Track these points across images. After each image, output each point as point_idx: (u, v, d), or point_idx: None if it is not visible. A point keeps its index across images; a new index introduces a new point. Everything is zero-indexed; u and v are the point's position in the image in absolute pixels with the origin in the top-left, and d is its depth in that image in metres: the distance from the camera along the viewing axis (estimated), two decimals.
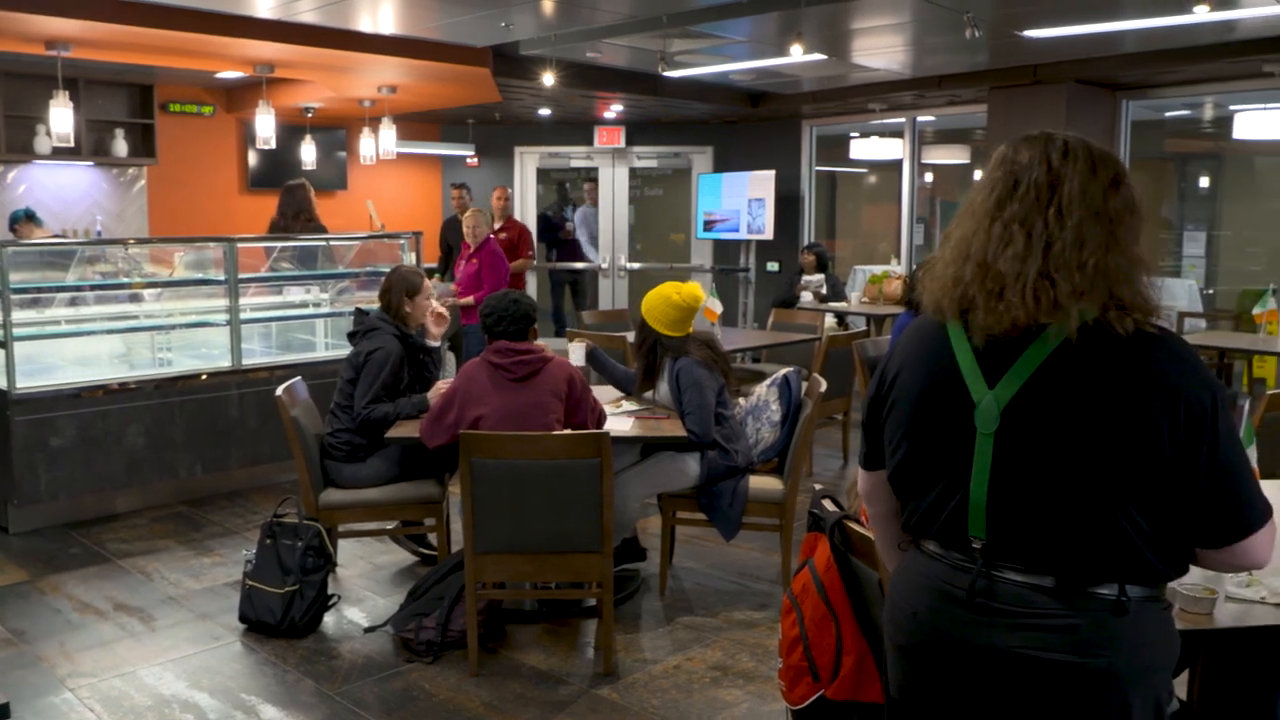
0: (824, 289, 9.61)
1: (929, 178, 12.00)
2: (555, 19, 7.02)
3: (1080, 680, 1.69)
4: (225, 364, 6.39)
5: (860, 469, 2.09)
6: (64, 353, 6.28)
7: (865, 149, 10.71)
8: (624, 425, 4.52)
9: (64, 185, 9.68)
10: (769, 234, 10.89)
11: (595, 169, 12.63)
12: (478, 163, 12.38)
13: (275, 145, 8.79)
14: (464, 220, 8.10)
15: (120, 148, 9.57)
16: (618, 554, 4.61)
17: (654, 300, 4.72)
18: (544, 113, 11.09)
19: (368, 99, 9.76)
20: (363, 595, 4.80)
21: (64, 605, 4.65)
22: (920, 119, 10.50)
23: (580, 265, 12.55)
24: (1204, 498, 1.68)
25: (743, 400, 5.01)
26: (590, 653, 4.23)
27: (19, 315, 5.77)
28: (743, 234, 11.27)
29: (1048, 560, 1.71)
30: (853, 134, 11.34)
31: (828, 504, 2.60)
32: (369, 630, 4.38)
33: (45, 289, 6.24)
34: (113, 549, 5.39)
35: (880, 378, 1.97)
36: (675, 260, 12.73)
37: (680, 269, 12.26)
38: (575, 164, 12.78)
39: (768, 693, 3.79)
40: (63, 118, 7.35)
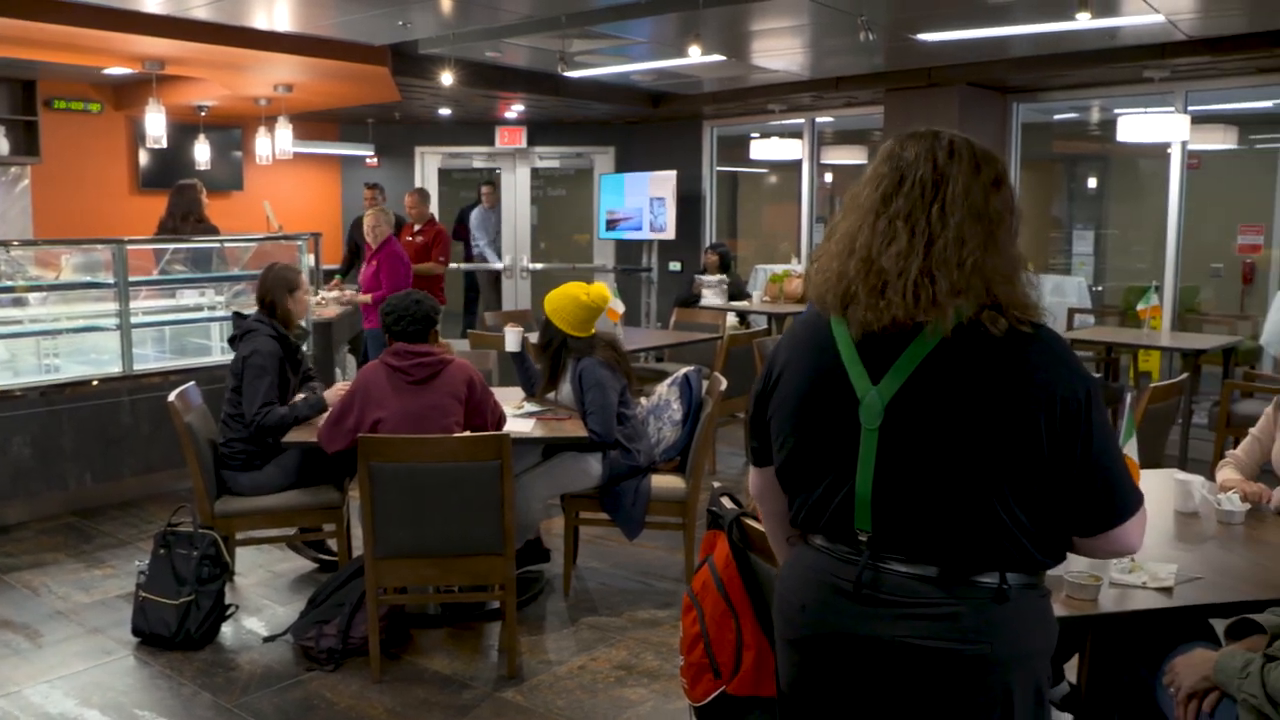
0: (722, 287, 9.70)
1: (829, 178, 12.17)
2: (454, 18, 6.97)
3: (963, 667, 1.74)
4: (116, 369, 6.21)
5: (751, 467, 2.10)
6: None
7: (765, 149, 10.80)
8: (525, 426, 4.51)
9: None
10: (671, 234, 10.95)
11: (495, 170, 12.56)
12: (377, 163, 12.22)
13: (167, 144, 8.56)
14: (365, 220, 7.99)
15: (0, 145, 9.24)
16: (521, 556, 4.59)
17: (561, 300, 4.71)
18: (444, 112, 11.00)
19: (263, 97, 9.57)
20: (261, 604, 4.71)
21: None
22: (819, 120, 10.65)
23: (471, 266, 12.41)
24: (1079, 488, 1.74)
25: (644, 400, 5.03)
26: (494, 655, 4.21)
27: None
28: (645, 234, 11.32)
29: (931, 550, 1.75)
30: (753, 134, 11.45)
31: (726, 501, 2.63)
32: (268, 639, 4.30)
33: None
34: None
35: (766, 372, 1.97)
36: (578, 260, 12.72)
37: (583, 269, 12.25)
38: (477, 164, 12.69)
39: (672, 691, 3.82)
40: None
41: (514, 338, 5.04)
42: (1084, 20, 5.76)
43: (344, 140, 12.13)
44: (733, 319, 9.02)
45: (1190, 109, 8.20)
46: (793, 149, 10.57)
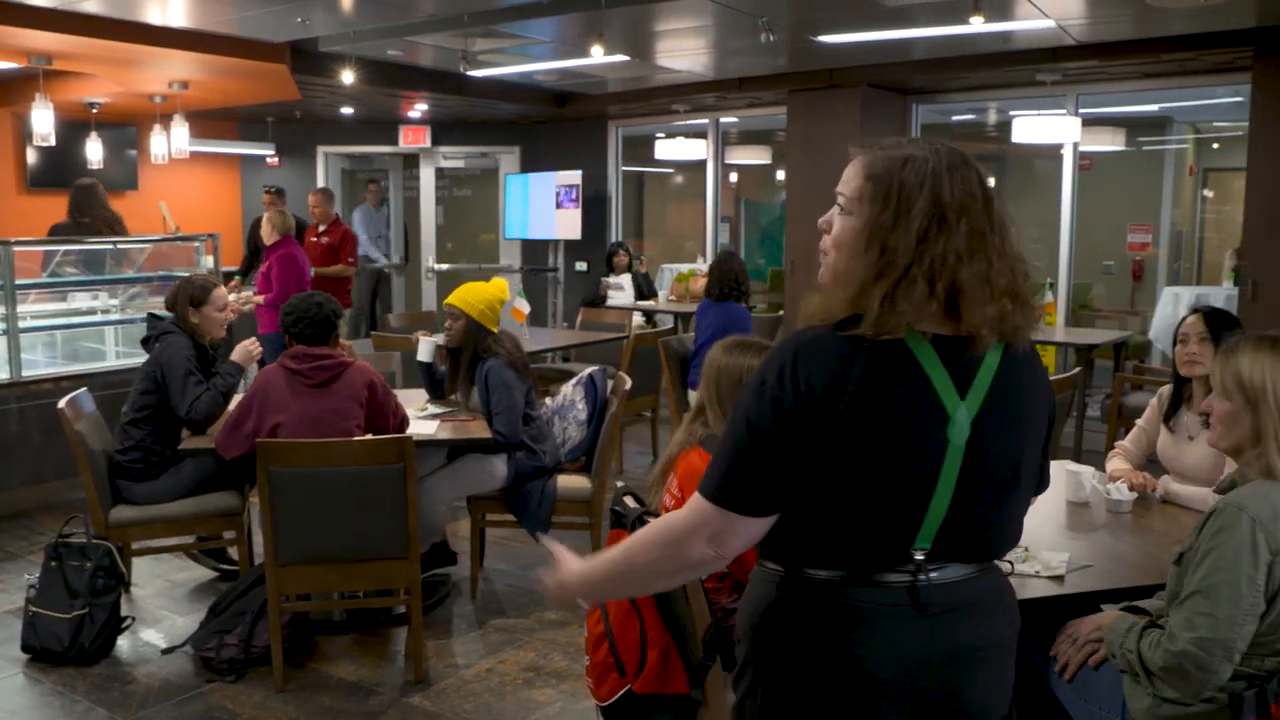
0: (625, 288, 9.73)
1: (734, 178, 12.28)
2: (355, 15, 6.87)
3: (1010, 649, 1.87)
4: (3, 376, 6.01)
5: (729, 514, 1.69)
6: None
7: (670, 149, 10.85)
8: (429, 428, 4.47)
9: None
10: (577, 234, 10.94)
11: (385, 170, 12.42)
12: (278, 162, 12.00)
13: (56, 142, 8.28)
14: (262, 222, 7.86)
15: None
16: (427, 559, 4.56)
17: (481, 296, 4.69)
18: (347, 111, 10.84)
19: (158, 94, 9.31)
20: (160, 615, 4.60)
21: None
22: (723, 120, 10.73)
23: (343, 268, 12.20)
24: (1041, 469, 1.92)
25: (549, 400, 5.03)
26: (401, 661, 4.18)
27: None
28: (551, 234, 11.29)
29: (980, 551, 1.79)
30: (658, 135, 11.50)
31: (629, 501, 2.64)
32: (167, 651, 4.19)
33: None
34: None
35: (793, 398, 1.64)
36: (484, 261, 12.64)
37: (489, 269, 12.17)
38: (381, 165, 12.54)
39: (580, 691, 3.82)
40: None
41: (427, 348, 4.99)
42: (978, 24, 5.91)
43: (244, 139, 11.87)
44: (639, 319, 9.06)
45: (1081, 111, 8.44)
46: (698, 149, 10.64)
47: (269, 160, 11.96)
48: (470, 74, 8.73)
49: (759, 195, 13.23)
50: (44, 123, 7.99)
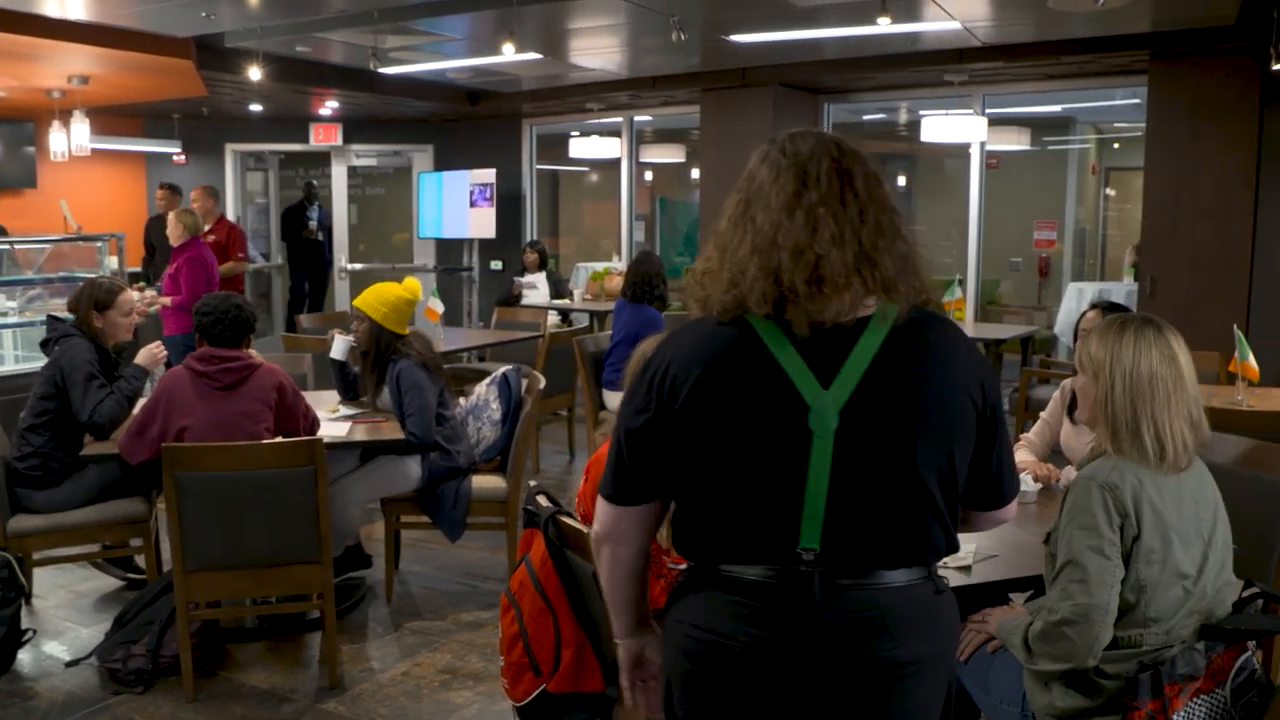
0: (539, 287, 9.71)
1: (648, 176, 12.32)
2: (262, 11, 6.75)
3: (934, 668, 1.74)
4: None
5: (610, 505, 1.80)
6: None
7: (585, 148, 10.86)
8: (341, 430, 4.42)
9: None
10: (492, 233, 10.88)
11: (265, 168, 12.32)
12: (185, 160, 11.74)
13: None
14: (168, 222, 7.66)
15: None
16: (341, 562, 4.51)
17: (383, 297, 4.62)
18: (255, 108, 10.65)
19: (57, 89, 9.04)
20: (63, 627, 4.47)
21: None
22: (637, 119, 10.76)
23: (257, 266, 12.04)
24: (997, 464, 1.79)
25: (463, 400, 4.99)
26: (315, 666, 4.12)
27: None
28: (465, 233, 11.22)
29: (880, 556, 1.67)
30: (573, 133, 11.49)
31: (542, 500, 2.64)
32: (71, 664, 4.07)
33: None
34: None
35: (657, 394, 1.69)
36: (398, 260, 12.52)
37: (403, 269, 12.05)
38: (291, 162, 12.36)
39: (497, 692, 3.79)
40: None
41: (341, 345, 4.92)
42: (886, 25, 6.01)
43: (149, 136, 11.59)
44: (554, 317, 9.05)
45: (988, 111, 8.63)
46: (612, 147, 10.66)
47: (175, 158, 11.70)
48: (381, 71, 8.64)
49: (675, 193, 13.29)
50: None
